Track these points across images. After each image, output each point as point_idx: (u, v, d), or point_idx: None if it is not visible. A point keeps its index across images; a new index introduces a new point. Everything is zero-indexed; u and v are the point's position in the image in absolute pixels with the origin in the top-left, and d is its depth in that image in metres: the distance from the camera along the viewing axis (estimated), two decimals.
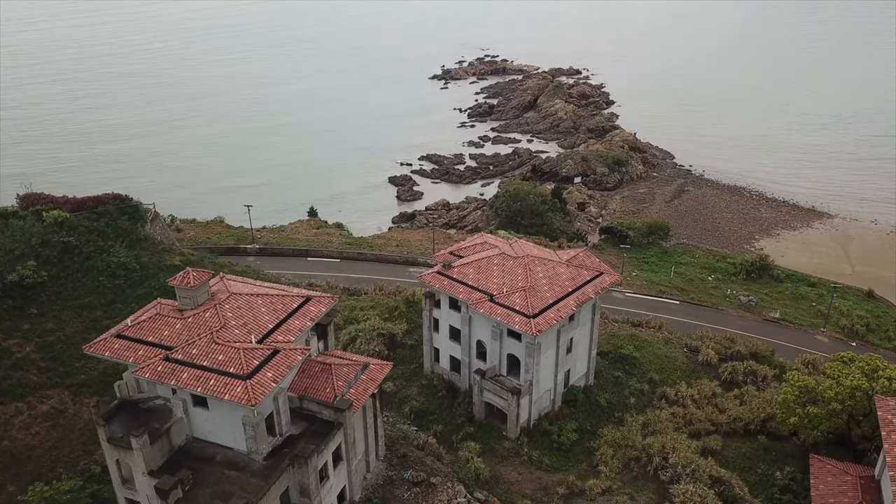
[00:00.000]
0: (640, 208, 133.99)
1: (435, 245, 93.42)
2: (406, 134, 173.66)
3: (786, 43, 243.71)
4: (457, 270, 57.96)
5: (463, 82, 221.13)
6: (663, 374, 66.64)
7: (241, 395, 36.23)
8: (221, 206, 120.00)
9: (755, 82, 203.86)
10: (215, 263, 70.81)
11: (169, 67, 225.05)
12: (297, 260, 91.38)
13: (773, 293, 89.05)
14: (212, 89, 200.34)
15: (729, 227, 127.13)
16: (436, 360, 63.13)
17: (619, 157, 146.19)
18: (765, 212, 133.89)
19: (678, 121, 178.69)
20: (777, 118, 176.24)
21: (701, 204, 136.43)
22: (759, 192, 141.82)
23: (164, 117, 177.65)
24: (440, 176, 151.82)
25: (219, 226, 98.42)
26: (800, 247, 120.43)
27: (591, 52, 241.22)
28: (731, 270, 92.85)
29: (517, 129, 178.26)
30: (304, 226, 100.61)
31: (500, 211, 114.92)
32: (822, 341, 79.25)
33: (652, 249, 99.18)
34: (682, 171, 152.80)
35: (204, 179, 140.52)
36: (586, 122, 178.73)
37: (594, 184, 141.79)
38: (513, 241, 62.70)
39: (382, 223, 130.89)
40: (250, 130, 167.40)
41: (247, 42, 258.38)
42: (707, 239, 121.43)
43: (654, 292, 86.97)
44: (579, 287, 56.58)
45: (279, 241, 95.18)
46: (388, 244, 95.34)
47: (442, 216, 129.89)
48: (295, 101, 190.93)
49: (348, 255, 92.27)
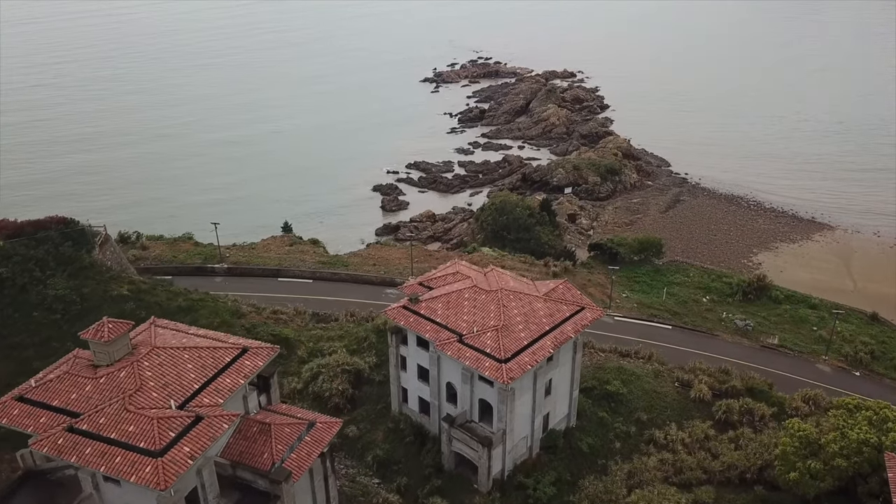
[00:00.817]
0: (633, 219, 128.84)
1: (414, 265, 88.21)
2: (394, 140, 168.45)
3: (787, 46, 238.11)
4: (424, 305, 52.75)
5: (454, 86, 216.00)
6: (652, 412, 61.44)
7: (149, 477, 31.06)
8: (197, 221, 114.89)
9: (755, 86, 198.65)
10: (169, 291, 65.70)
11: (149, 73, 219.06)
12: (267, 280, 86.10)
13: (771, 316, 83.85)
14: (194, 95, 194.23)
15: (726, 240, 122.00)
16: (404, 401, 57.96)
17: (612, 166, 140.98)
18: (763, 223, 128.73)
19: (674, 126, 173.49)
20: (777, 124, 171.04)
21: (697, 214, 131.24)
22: (758, 202, 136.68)
23: (142, 126, 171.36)
24: (427, 185, 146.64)
25: (187, 243, 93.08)
26: (799, 261, 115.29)
27: (586, 54, 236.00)
28: (728, 291, 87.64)
29: (508, 135, 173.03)
30: (277, 242, 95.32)
31: (485, 224, 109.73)
32: (824, 371, 74.09)
33: (643, 267, 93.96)
34: (678, 179, 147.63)
35: (181, 192, 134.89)
36: (579, 127, 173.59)
37: (586, 194, 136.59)
38: (488, 271, 57.45)
39: (365, 235, 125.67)
40: (232, 140, 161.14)
41: (234, 45, 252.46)
42: (702, 254, 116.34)
43: (644, 316, 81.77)
44: (558, 325, 51.37)
45: (249, 259, 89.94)
46: (364, 263, 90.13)
47: (427, 228, 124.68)
48: (280, 108, 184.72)
49: (322, 276, 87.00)
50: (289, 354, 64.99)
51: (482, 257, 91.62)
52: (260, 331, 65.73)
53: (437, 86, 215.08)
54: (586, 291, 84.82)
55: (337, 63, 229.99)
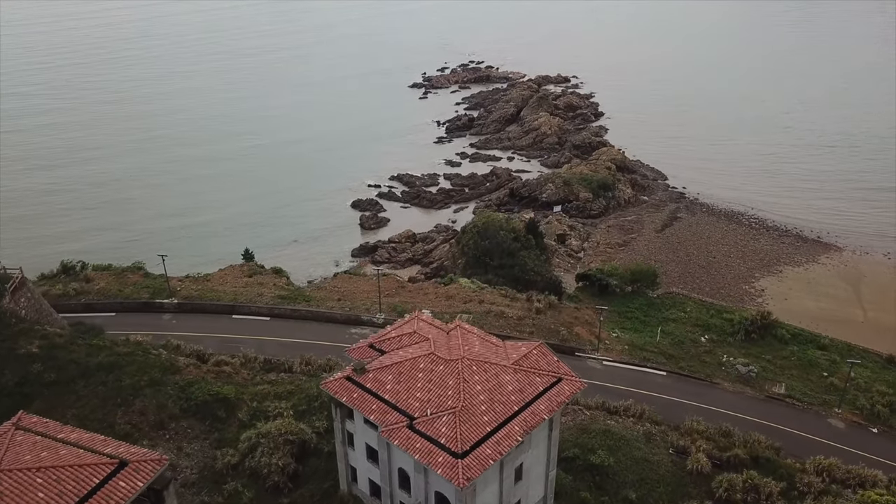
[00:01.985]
0: (627, 240, 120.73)
1: (384, 298, 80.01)
2: (377, 151, 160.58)
3: (793, 53, 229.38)
4: (372, 377, 44.59)
5: (444, 91, 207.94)
6: (643, 488, 53.32)
7: None
8: (155, 247, 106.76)
9: (757, 92, 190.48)
10: (90, 346, 57.37)
11: (126, 79, 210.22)
12: (219, 318, 77.90)
13: (777, 359, 75.78)
14: (167, 107, 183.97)
15: (726, 263, 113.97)
16: (353, 480, 49.76)
17: (605, 181, 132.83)
18: (765, 243, 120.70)
19: (672, 135, 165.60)
20: (780, 135, 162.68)
21: (694, 234, 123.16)
22: (759, 220, 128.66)
23: (112, 140, 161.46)
24: (410, 200, 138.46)
25: (136, 274, 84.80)
26: (805, 287, 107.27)
27: (581, 58, 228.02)
28: (728, 329, 79.49)
29: (498, 146, 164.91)
30: (235, 273, 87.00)
31: (467, 249, 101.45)
32: (838, 427, 66.03)
33: (636, 300, 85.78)
34: (675, 193, 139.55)
35: (145, 215, 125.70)
36: (572, 137, 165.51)
37: (577, 211, 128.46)
38: (452, 328, 49.19)
39: (341, 256, 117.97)
40: (205, 156, 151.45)
41: (214, 51, 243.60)
42: (701, 279, 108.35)
43: (637, 360, 73.64)
44: (529, 403, 43.24)
45: (202, 293, 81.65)
46: (328, 297, 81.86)
47: (405, 250, 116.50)
48: (259, 120, 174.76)
49: (280, 313, 78.78)
50: (228, 418, 56.86)
51: (459, 290, 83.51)
52: (196, 390, 57.60)
53: (426, 91, 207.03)
54: (572, 331, 76.94)
55: (322, 71, 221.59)
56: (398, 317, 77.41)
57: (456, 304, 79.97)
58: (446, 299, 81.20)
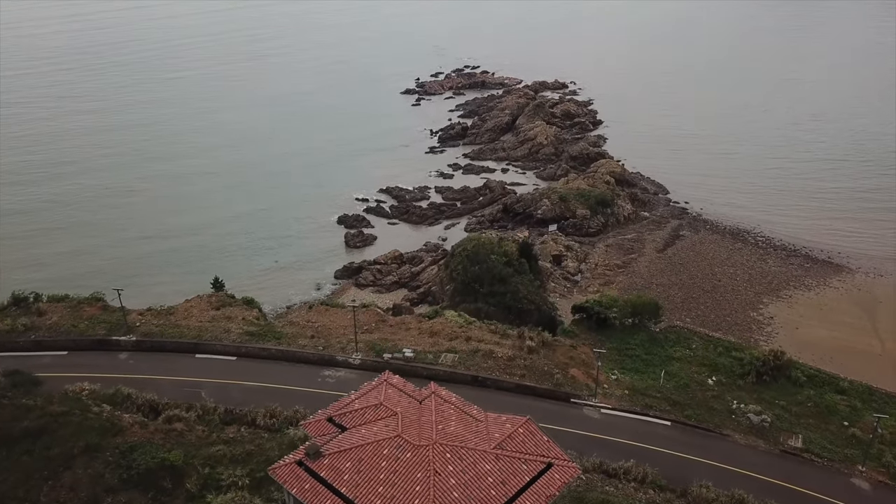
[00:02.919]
0: (626, 260, 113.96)
1: (361, 336, 73.19)
2: (366, 162, 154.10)
3: (802, 59, 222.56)
4: (328, 464, 37.80)
5: (437, 98, 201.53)
6: None
7: None
8: (119, 276, 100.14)
9: (762, 101, 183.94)
10: (16, 406, 50.43)
11: (109, 86, 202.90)
12: (181, 358, 71.05)
13: (791, 405, 68.96)
14: (146, 117, 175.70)
15: (732, 287, 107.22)
16: None
17: (604, 197, 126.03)
18: (773, 264, 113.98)
19: (673, 146, 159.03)
20: (787, 147, 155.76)
21: (698, 254, 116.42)
22: (766, 238, 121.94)
23: (88, 153, 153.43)
24: (399, 215, 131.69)
25: (93, 307, 77.84)
26: (816, 314, 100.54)
27: (579, 63, 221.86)
28: (738, 370, 72.58)
29: (492, 156, 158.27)
30: (203, 304, 79.98)
31: (455, 274, 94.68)
32: (862, 488, 59.26)
33: (637, 335, 78.87)
34: (677, 209, 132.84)
35: (114, 238, 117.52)
36: (569, 147, 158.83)
37: (573, 229, 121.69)
38: (426, 398, 42.43)
39: (322, 278, 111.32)
40: (184, 172, 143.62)
41: (197, 57, 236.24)
42: (706, 305, 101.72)
43: (638, 407, 66.83)
44: (514, 498, 36.41)
45: (164, 329, 74.77)
46: (301, 333, 74.94)
47: (392, 272, 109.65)
48: (242, 132, 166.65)
49: (248, 352, 71.88)
50: (174, 488, 49.99)
51: (445, 324, 76.62)
52: (140, 456, 50.65)
53: (419, 98, 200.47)
54: (567, 373, 70.18)
55: (313, 77, 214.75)
56: (376, 357, 71.05)
57: (440, 342, 73.19)
58: (430, 336, 74.39)
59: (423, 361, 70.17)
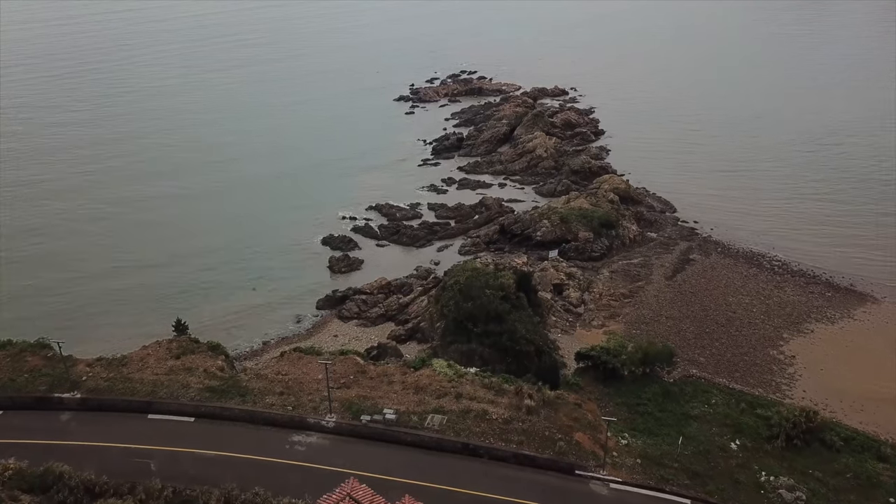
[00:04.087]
0: (633, 289, 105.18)
1: (335, 392, 64.44)
2: (354, 176, 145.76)
3: (821, 67, 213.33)
4: None
5: (432, 105, 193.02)
6: None
7: None
8: (77, 314, 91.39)
9: (777, 111, 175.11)
10: None
11: (85, 98, 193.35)
12: (131, 419, 62.42)
13: (828, 476, 60.42)
14: (125, 131, 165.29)
15: (748, 320, 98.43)
16: None
17: (608, 217, 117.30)
18: (791, 293, 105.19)
19: (679, 160, 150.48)
20: (804, 163, 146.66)
21: (710, 281, 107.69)
22: (783, 263, 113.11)
23: (55, 172, 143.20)
24: (389, 235, 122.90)
25: (36, 356, 69.08)
26: (842, 352, 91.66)
27: (581, 68, 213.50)
28: (765, 431, 64.06)
29: (488, 169, 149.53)
30: (161, 352, 71.14)
31: (447, 311, 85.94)
32: None
33: (649, 388, 70.34)
34: (685, 230, 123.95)
35: (76, 272, 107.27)
36: (570, 160, 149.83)
37: (576, 253, 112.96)
38: None
39: (303, 309, 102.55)
40: (155, 195, 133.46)
41: (183, 65, 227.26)
42: (721, 342, 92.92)
43: (653, 480, 58.17)
44: None
45: (115, 383, 66.05)
46: (270, 388, 66.20)
47: (378, 303, 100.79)
48: (220, 148, 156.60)
49: (208, 411, 63.16)
50: None
51: (432, 377, 67.86)
52: None
53: (413, 106, 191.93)
54: (572, 438, 61.42)
55: (301, 85, 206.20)
56: (353, 419, 62.36)
57: (427, 400, 64.47)
58: (415, 392, 65.68)
59: (406, 424, 61.47)
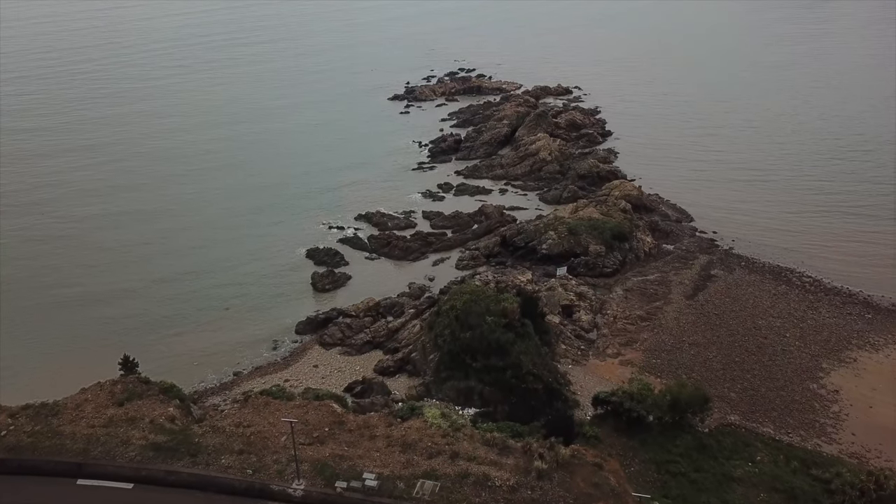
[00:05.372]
0: (650, 311, 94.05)
1: (305, 451, 53.32)
2: (344, 181, 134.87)
3: (855, 65, 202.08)
4: None
5: (429, 104, 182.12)
6: None
7: None
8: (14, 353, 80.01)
9: (797, 109, 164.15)
10: None
11: (58, 101, 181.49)
12: (56, 486, 51.38)
13: None
14: (88, 138, 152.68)
15: (781, 346, 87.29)
16: None
17: (621, 229, 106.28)
18: (826, 314, 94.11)
19: (694, 162, 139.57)
20: (833, 166, 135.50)
21: (735, 301, 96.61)
22: (813, 279, 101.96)
23: (10, 185, 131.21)
24: (379, 248, 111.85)
25: None
26: (892, 386, 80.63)
27: (584, 65, 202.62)
28: (825, 500, 53.05)
29: (488, 174, 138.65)
30: (102, 397, 59.79)
31: (441, 342, 74.86)
32: None
33: (681, 440, 59.34)
34: (704, 241, 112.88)
35: (21, 298, 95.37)
36: (576, 164, 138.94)
37: (586, 268, 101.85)
38: None
39: (280, 332, 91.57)
40: (121, 210, 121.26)
41: (167, 65, 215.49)
42: (753, 371, 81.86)
43: None
44: None
45: (40, 439, 54.82)
46: (228, 444, 55.00)
47: (365, 327, 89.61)
48: (200, 156, 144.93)
49: (150, 475, 51.97)
50: None
51: (423, 431, 56.63)
52: None
53: (408, 105, 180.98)
54: None
55: (290, 84, 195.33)
56: (326, 486, 51.13)
57: (417, 461, 53.24)
58: (402, 450, 54.41)
59: (390, 493, 50.30)
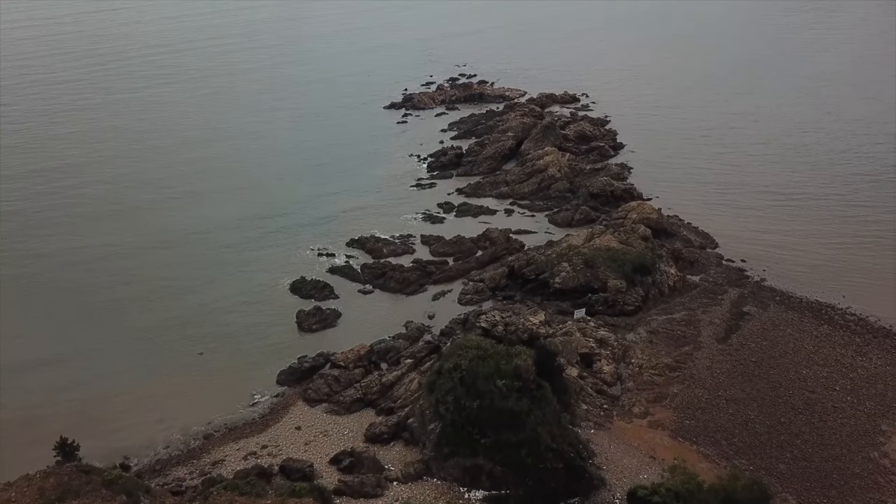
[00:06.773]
0: (679, 358, 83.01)
1: None
2: (335, 202, 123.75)
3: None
4: None
5: (428, 113, 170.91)
6: None
7: None
8: None
9: (820, 119, 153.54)
10: None
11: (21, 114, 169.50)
12: None
13: None
14: (53, 159, 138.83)
15: (832, 402, 76.33)
16: None
17: (643, 260, 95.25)
18: (878, 360, 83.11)
19: (717, 179, 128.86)
20: (859, 179, 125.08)
21: (774, 346, 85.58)
22: (859, 318, 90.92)
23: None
24: (373, 279, 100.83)
25: None
26: None
27: (591, 69, 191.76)
28: None
29: (492, 192, 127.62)
30: (29, 496, 48.73)
31: (443, 409, 63.79)
32: None
33: None
34: (733, 271, 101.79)
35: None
36: (587, 181, 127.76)
37: (605, 306, 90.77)
38: None
39: (262, 384, 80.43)
40: (86, 244, 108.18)
41: (153, 75, 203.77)
42: (804, 436, 70.93)
43: None
44: None
45: None
46: None
47: (355, 380, 78.51)
48: (182, 177, 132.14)
49: None
50: None
51: None
52: None
53: (406, 114, 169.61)
54: None
55: (280, 92, 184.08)
56: None
57: None
58: None
59: None
